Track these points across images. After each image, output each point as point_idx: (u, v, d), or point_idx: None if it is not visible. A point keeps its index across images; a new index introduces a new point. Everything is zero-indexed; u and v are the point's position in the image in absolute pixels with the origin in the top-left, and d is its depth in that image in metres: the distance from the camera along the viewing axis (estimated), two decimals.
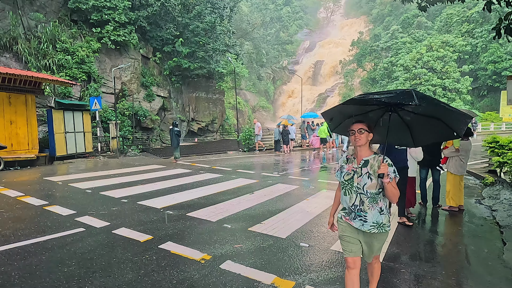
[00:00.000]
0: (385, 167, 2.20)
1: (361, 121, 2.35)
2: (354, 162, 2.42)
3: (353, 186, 2.36)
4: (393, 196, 2.24)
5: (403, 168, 4.95)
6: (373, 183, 2.29)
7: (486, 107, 36.82)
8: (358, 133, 2.31)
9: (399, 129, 2.61)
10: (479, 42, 37.62)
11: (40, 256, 3.66)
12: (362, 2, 73.90)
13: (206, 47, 23.92)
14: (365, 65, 49.72)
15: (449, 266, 3.61)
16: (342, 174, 2.46)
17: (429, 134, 2.66)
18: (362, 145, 2.34)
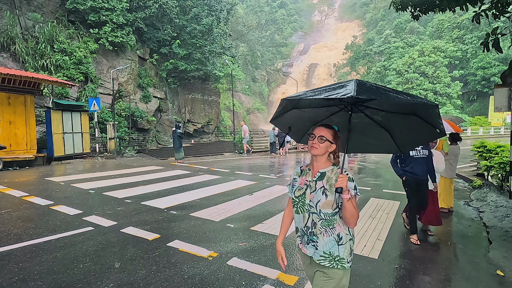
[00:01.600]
0: (343, 180, 1.67)
1: (328, 127, 1.87)
2: (308, 174, 1.92)
3: (305, 204, 1.84)
4: (352, 217, 1.72)
5: (423, 181, 4.56)
6: (328, 200, 1.77)
7: (475, 112, 37.74)
8: (318, 140, 1.82)
9: (377, 133, 2.18)
10: (469, 48, 38.59)
11: (55, 253, 3.84)
12: (356, 6, 74.99)
13: (203, 49, 24.11)
14: (358, 68, 50.47)
15: (439, 263, 3.90)
16: (294, 188, 1.94)
17: (412, 136, 2.19)
18: (318, 155, 1.85)
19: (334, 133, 1.86)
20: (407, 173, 4.58)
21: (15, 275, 3.28)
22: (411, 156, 4.55)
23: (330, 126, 1.88)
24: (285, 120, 2.26)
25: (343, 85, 1.58)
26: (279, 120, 2.27)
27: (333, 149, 1.87)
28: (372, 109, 2.00)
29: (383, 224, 5.28)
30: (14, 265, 3.50)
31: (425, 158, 4.56)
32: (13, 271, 3.36)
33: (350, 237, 1.86)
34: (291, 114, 2.18)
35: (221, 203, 6.46)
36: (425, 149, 4.59)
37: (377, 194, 7.63)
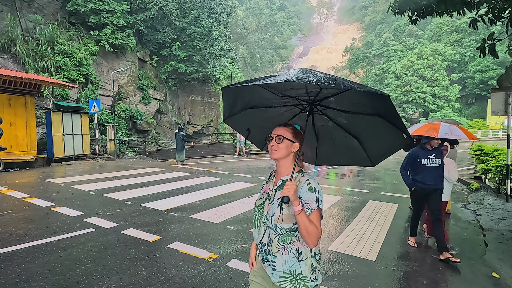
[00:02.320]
0: (290, 188, 1.40)
1: (287, 125, 1.64)
2: (272, 181, 1.70)
3: (262, 216, 1.61)
4: (308, 235, 1.42)
5: (436, 190, 4.25)
6: (283, 215, 1.51)
7: (473, 115, 37.92)
8: (275, 140, 1.59)
9: (346, 141, 1.86)
10: (467, 52, 38.82)
11: (57, 254, 3.89)
12: (355, 9, 75.37)
13: (203, 51, 24.21)
14: (357, 71, 50.68)
15: (436, 265, 3.96)
16: (258, 196, 1.74)
17: (380, 144, 1.81)
18: (280, 158, 1.61)
19: (295, 130, 1.62)
20: (417, 182, 4.33)
21: (18, 275, 3.33)
22: (423, 164, 4.26)
23: (288, 124, 1.66)
24: (242, 120, 1.98)
25: (287, 72, 1.35)
26: (234, 120, 1.98)
27: (296, 149, 1.61)
28: (332, 110, 1.73)
29: (381, 227, 5.34)
30: (16, 266, 3.54)
31: (438, 167, 4.24)
32: (15, 271, 3.41)
33: (312, 254, 1.55)
34: (248, 115, 1.91)
35: (220, 205, 6.52)
36: (438, 157, 4.28)
37: (376, 196, 7.70)
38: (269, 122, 1.83)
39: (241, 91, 1.73)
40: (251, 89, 1.68)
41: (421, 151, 4.33)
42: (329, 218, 5.86)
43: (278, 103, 1.81)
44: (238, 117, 1.95)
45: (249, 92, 1.74)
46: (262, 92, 1.70)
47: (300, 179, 1.57)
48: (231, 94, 1.80)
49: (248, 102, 1.85)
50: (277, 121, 1.74)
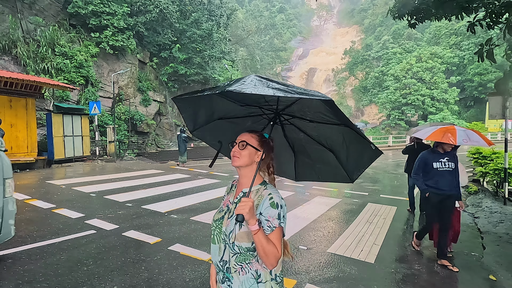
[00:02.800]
0: (245, 205, 1.25)
1: (253, 132, 1.50)
2: (233, 193, 1.55)
3: (221, 232, 1.44)
4: (266, 256, 1.28)
5: (449, 197, 4.04)
6: (242, 232, 1.36)
7: (472, 117, 38.06)
8: (238, 146, 1.45)
9: (321, 154, 1.73)
10: (466, 55, 39.01)
11: (59, 256, 3.92)
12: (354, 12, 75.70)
13: (203, 53, 24.32)
14: (357, 73, 50.86)
15: (433, 267, 4.01)
16: (218, 209, 1.57)
17: (356, 156, 1.67)
18: (241, 166, 1.46)
19: (261, 138, 1.48)
20: (430, 188, 4.09)
21: (21, 277, 3.36)
22: (435, 168, 4.05)
23: (255, 131, 1.52)
24: (211, 132, 1.87)
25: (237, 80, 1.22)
26: (203, 132, 1.88)
27: (259, 158, 1.44)
28: (298, 119, 1.61)
29: (379, 229, 5.39)
30: (19, 267, 3.58)
31: (451, 171, 4.04)
32: (18, 273, 3.44)
33: (272, 277, 1.39)
34: (218, 126, 1.80)
35: None
36: (452, 161, 4.07)
37: (375, 199, 7.75)
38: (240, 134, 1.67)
39: (197, 101, 1.63)
40: (208, 99, 1.57)
41: (432, 155, 4.15)
42: (329, 220, 5.90)
43: (244, 114, 1.71)
44: (206, 129, 1.84)
45: (207, 102, 1.63)
46: (222, 102, 1.57)
47: (262, 193, 1.41)
48: (186, 104, 1.67)
49: (212, 113, 1.74)
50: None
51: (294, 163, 1.86)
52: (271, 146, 1.51)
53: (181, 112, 1.73)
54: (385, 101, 39.62)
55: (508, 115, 6.73)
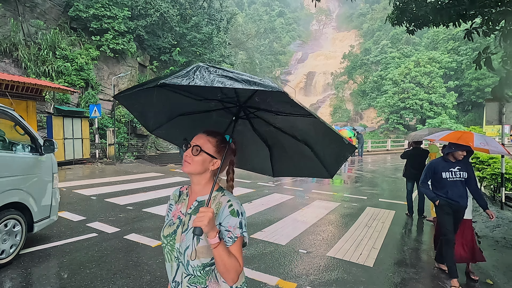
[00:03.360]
0: (205, 215, 1.07)
1: (212, 134, 1.29)
2: (184, 202, 1.33)
3: (174, 249, 1.24)
4: (227, 271, 1.14)
5: (460, 208, 3.73)
6: (202, 246, 1.18)
7: (470, 122, 38.26)
8: (192, 151, 1.24)
9: (297, 149, 1.57)
10: (463, 60, 39.31)
11: (61, 258, 3.97)
12: (353, 16, 76.20)
13: (203, 57, 24.46)
14: (355, 77, 51.11)
15: (431, 271, 4.07)
16: (165, 223, 1.36)
17: (331, 150, 1.54)
18: (194, 174, 1.27)
19: (220, 143, 1.28)
20: (441, 197, 3.77)
21: (25, 279, 3.41)
22: (444, 178, 3.70)
23: (216, 132, 1.31)
24: (174, 131, 1.69)
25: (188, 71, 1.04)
26: (165, 131, 1.71)
27: (216, 167, 1.27)
28: (264, 111, 1.43)
29: (378, 233, 5.45)
30: (23, 270, 3.62)
31: (463, 181, 3.70)
32: (22, 275, 3.49)
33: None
34: (180, 124, 1.62)
35: None
36: (464, 171, 3.70)
37: (373, 203, 7.81)
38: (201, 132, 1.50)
39: (145, 98, 1.37)
40: (158, 94, 1.33)
41: (442, 163, 3.77)
42: (328, 224, 5.97)
43: (206, 108, 1.51)
44: (168, 127, 1.65)
45: (159, 99, 1.39)
46: (176, 97, 1.37)
47: (220, 200, 1.24)
48: (133, 102, 1.47)
49: (169, 110, 1.54)
50: (216, 129, 1.41)
51: (270, 158, 1.69)
52: (232, 150, 1.34)
53: (131, 111, 1.54)
54: (383, 105, 39.80)
55: (504, 121, 6.83)
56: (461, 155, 3.66)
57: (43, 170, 4.28)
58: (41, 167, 4.24)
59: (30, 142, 4.19)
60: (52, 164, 4.47)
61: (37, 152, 4.17)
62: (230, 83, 0.96)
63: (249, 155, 1.71)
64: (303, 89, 60.31)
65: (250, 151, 1.67)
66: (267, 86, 0.97)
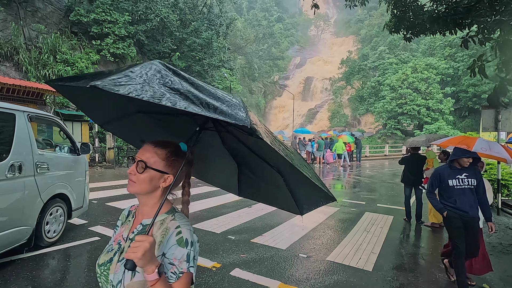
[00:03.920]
0: (140, 246, 0.88)
1: (160, 144, 1.09)
2: (129, 224, 1.14)
3: (108, 280, 1.05)
4: None
5: (473, 219, 3.52)
6: (137, 282, 0.98)
7: (467, 127, 38.57)
8: (136, 169, 1.04)
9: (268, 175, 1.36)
10: (460, 66, 39.72)
11: (65, 262, 4.02)
12: (351, 22, 76.89)
13: (202, 62, 24.63)
14: (353, 83, 51.44)
15: (430, 276, 4.15)
16: (105, 248, 1.14)
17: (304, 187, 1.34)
18: (142, 194, 1.07)
19: (171, 154, 1.07)
20: (449, 208, 3.59)
21: (29, 283, 3.45)
22: (451, 186, 3.53)
23: (166, 142, 1.10)
24: (132, 129, 1.49)
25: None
26: (119, 127, 1.50)
27: (168, 183, 1.07)
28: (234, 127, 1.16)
29: (377, 238, 5.53)
30: (27, 273, 3.67)
31: (472, 189, 3.52)
32: (27, 279, 3.53)
33: None
34: (138, 121, 1.38)
35: (221, 215, 6.67)
36: (472, 177, 3.53)
37: (372, 208, 7.90)
38: (171, 135, 1.32)
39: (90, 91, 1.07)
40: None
41: (448, 170, 3.61)
42: (327, 229, 6.04)
43: (167, 110, 1.16)
44: (122, 124, 1.41)
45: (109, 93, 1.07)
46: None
47: (168, 225, 1.04)
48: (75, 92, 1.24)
49: (125, 104, 1.27)
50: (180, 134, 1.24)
51: (237, 175, 1.50)
52: (189, 160, 1.13)
53: (75, 104, 1.35)
54: (381, 110, 40.07)
55: (500, 127, 6.97)
56: (466, 161, 3.50)
57: (79, 168, 5.12)
58: (78, 165, 5.08)
59: (70, 145, 5.07)
60: (85, 163, 5.34)
61: (75, 153, 5.04)
62: (184, 105, 0.77)
63: (214, 168, 1.54)
64: (301, 94, 60.60)
65: (216, 165, 1.49)
66: (230, 117, 0.79)
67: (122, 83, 0.76)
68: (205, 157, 1.39)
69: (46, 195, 4.24)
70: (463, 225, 3.51)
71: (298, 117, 52.81)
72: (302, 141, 20.54)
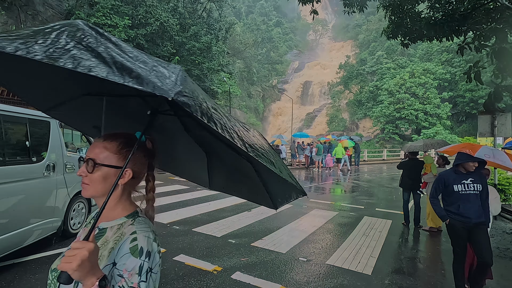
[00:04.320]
0: (76, 255, 0.71)
1: (111, 137, 0.97)
2: (88, 227, 1.02)
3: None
4: None
5: (478, 225, 3.43)
6: None
7: (464, 132, 38.83)
8: (85, 168, 0.92)
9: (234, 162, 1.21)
10: (457, 71, 40.09)
11: None
12: (349, 27, 77.48)
13: (201, 66, 24.74)
14: (351, 87, 51.75)
15: (428, 279, 4.21)
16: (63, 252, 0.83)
17: (276, 177, 1.12)
18: (98, 196, 0.95)
19: (124, 145, 0.96)
20: (452, 214, 3.53)
21: (33, 285, 3.48)
22: (456, 191, 3.45)
23: (116, 134, 0.98)
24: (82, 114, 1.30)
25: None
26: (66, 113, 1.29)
27: (127, 178, 0.95)
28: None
29: (376, 242, 5.59)
30: (30, 275, 3.70)
31: (478, 195, 3.45)
32: (30, 281, 3.56)
33: None
34: (88, 105, 1.17)
35: (221, 219, 6.71)
36: (477, 183, 3.46)
37: (370, 212, 7.96)
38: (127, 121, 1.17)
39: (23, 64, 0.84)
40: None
41: (453, 175, 3.54)
42: (326, 233, 6.09)
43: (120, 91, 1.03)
44: (68, 108, 1.20)
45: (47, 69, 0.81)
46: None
47: (125, 230, 0.92)
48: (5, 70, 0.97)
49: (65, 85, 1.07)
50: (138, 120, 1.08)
51: (207, 166, 1.34)
52: (148, 151, 1.01)
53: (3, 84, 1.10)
54: (379, 115, 40.30)
55: (496, 133, 7.07)
56: (472, 166, 3.42)
57: None
58: None
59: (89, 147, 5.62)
60: None
61: None
62: (90, 66, 0.60)
63: (181, 159, 1.35)
64: (300, 98, 60.85)
65: (182, 155, 1.31)
66: (145, 83, 0.61)
67: (13, 38, 0.56)
68: (170, 146, 1.22)
69: (72, 191, 4.91)
70: (469, 232, 3.45)
71: (297, 121, 52.98)
72: (300, 145, 20.63)
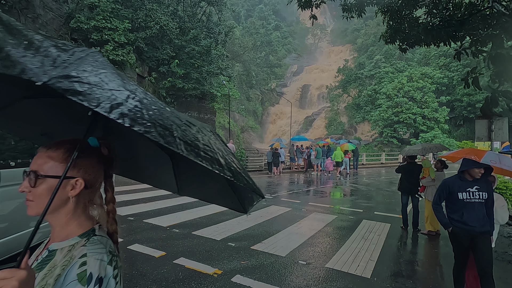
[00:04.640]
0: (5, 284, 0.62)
1: (57, 144, 0.86)
2: (40, 249, 0.92)
3: None
4: None
5: (483, 234, 3.31)
6: None
7: (462, 136, 39.02)
8: (28, 182, 0.81)
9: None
10: (455, 76, 40.39)
11: None
12: (347, 31, 77.99)
13: (201, 69, 24.81)
14: (350, 91, 51.97)
15: (426, 282, 4.24)
16: None
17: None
18: (48, 214, 0.79)
19: (70, 152, 0.83)
20: (455, 222, 3.42)
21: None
22: (461, 199, 3.34)
23: (61, 141, 0.86)
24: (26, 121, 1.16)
25: None
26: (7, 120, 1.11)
27: (78, 188, 0.84)
28: None
29: (374, 245, 5.62)
30: None
31: (483, 203, 3.33)
32: None
33: None
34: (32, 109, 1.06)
35: (220, 222, 6.73)
36: (483, 191, 3.33)
37: (369, 216, 7.99)
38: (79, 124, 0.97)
39: None
40: None
41: (458, 182, 3.41)
42: (326, 236, 6.12)
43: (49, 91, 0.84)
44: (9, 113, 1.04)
45: None
46: None
47: (75, 252, 0.81)
48: None
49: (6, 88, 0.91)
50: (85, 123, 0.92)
51: (173, 170, 1.26)
52: (104, 157, 0.90)
53: None
54: (377, 118, 40.46)
55: (493, 137, 7.14)
56: (478, 172, 3.29)
57: None
58: None
59: None
60: None
61: None
62: None
63: (144, 164, 1.27)
64: (299, 101, 61.05)
65: (144, 159, 1.24)
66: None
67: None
68: (131, 150, 1.09)
69: None
70: (472, 240, 3.36)
71: (295, 125, 53.10)
72: (299, 148, 20.67)
